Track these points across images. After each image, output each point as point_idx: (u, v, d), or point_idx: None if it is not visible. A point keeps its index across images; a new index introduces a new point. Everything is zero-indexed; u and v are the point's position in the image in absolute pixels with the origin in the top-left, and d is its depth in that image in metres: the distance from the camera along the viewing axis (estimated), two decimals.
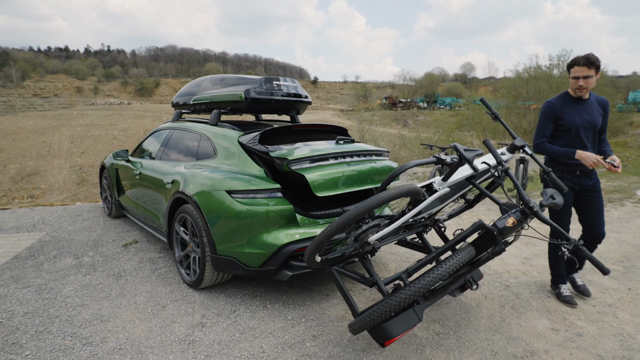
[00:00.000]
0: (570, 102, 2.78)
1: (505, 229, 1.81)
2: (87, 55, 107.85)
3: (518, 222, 1.81)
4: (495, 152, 2.03)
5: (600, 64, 2.62)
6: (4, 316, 2.70)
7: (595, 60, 2.59)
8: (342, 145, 3.13)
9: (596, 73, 2.62)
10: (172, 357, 2.25)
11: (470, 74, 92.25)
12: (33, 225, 4.97)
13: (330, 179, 2.75)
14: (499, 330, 2.56)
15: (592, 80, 2.63)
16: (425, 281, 1.76)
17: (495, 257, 2.32)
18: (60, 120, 45.79)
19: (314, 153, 2.80)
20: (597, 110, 2.77)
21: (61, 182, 32.50)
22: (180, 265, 3.25)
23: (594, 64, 2.59)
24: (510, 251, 4.05)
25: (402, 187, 1.88)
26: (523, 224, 1.87)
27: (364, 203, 1.82)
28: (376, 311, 1.83)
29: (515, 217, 1.82)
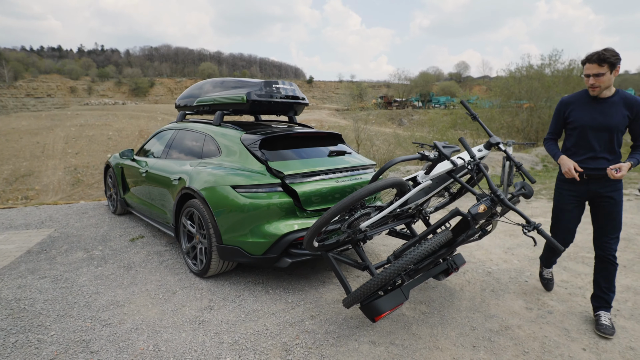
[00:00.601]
0: (585, 101, 2.55)
1: (477, 214, 2.08)
2: (80, 55, 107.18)
3: (488, 208, 2.08)
4: (468, 148, 2.29)
5: (615, 60, 2.35)
6: (27, 303, 2.94)
7: (608, 56, 2.35)
8: (334, 157, 3.45)
9: (611, 70, 2.37)
10: (184, 335, 2.50)
11: (464, 73, 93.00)
12: (41, 222, 5.18)
13: (320, 194, 3.11)
14: (479, 309, 2.84)
15: (604, 78, 2.38)
16: (407, 258, 2.02)
17: (478, 244, 2.60)
18: (54, 121, 45.63)
19: (306, 169, 3.13)
20: (620, 111, 2.44)
21: (56, 183, 32.45)
22: (187, 256, 3.50)
23: (606, 60, 2.35)
24: (494, 242, 4.34)
25: (388, 179, 2.15)
26: (493, 211, 2.14)
27: (355, 192, 2.09)
28: (366, 286, 2.09)
29: (486, 204, 2.09)
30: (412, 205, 2.71)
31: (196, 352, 2.31)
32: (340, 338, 2.46)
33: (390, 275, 1.99)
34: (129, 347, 2.37)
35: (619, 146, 2.50)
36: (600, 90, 2.45)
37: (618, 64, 2.37)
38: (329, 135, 3.84)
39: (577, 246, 4.20)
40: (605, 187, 2.51)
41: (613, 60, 2.34)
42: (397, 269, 1.99)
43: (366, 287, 2.08)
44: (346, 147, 3.85)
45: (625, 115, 2.44)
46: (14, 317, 2.72)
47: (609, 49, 2.36)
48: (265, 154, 3.22)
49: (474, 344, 2.42)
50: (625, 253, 4.01)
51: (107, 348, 2.36)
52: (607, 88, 2.45)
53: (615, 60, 2.35)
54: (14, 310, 2.82)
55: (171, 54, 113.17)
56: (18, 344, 2.40)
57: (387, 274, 2.00)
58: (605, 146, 2.49)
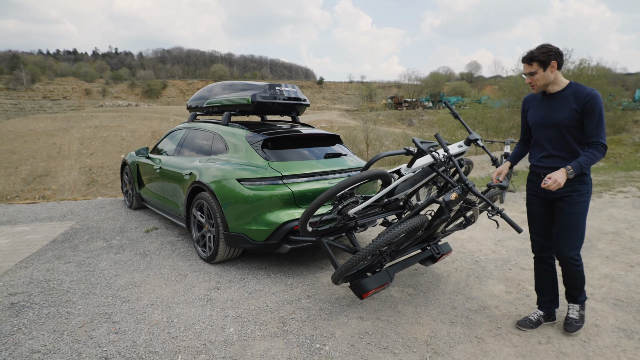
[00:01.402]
0: (539, 97, 2.47)
1: (450, 202, 2.34)
2: (95, 58, 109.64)
3: (459, 196, 2.34)
4: (442, 143, 2.56)
5: (545, 57, 2.27)
6: (56, 283, 3.30)
7: (537, 54, 2.29)
8: (330, 159, 3.75)
9: (544, 68, 2.29)
10: (194, 310, 2.82)
11: (476, 73, 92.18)
12: (63, 215, 5.59)
13: (313, 193, 3.39)
14: (462, 292, 3.10)
15: (537, 76, 2.32)
16: (384, 237, 2.30)
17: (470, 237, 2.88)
18: (69, 122, 46.85)
19: (302, 171, 3.44)
20: (567, 106, 2.30)
21: (71, 183, 33.44)
22: (197, 244, 3.83)
23: (534, 59, 2.30)
24: (486, 235, 4.57)
25: (371, 170, 2.44)
26: (465, 198, 2.40)
27: (341, 182, 2.39)
28: (349, 262, 2.38)
29: (457, 192, 2.35)
30: (401, 196, 2.99)
31: (204, 323, 2.63)
32: (332, 314, 2.75)
33: (370, 251, 2.26)
34: (145, 319, 2.69)
35: (580, 145, 2.33)
36: (538, 88, 2.38)
37: (551, 60, 2.27)
38: (328, 136, 4.13)
39: None
40: (561, 188, 2.30)
41: (542, 58, 2.26)
42: (375, 247, 2.26)
43: (349, 263, 2.36)
44: (343, 149, 4.14)
45: (574, 110, 2.27)
46: (45, 294, 3.08)
47: (543, 46, 2.29)
48: (267, 154, 3.53)
49: (452, 320, 2.68)
50: (611, 245, 4.20)
51: (126, 319, 2.69)
52: (548, 84, 2.35)
53: (546, 58, 2.26)
54: (45, 288, 3.19)
55: (183, 56, 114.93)
56: (50, 315, 2.75)
57: (366, 250, 2.28)
58: (557, 144, 2.37)
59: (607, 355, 2.29)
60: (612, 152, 12.79)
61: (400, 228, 2.26)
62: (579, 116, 2.27)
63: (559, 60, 2.30)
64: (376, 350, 2.33)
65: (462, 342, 2.42)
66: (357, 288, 2.54)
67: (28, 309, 2.85)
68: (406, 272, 3.48)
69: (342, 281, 2.59)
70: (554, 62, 2.29)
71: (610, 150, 13.02)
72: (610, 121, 24.20)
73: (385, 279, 2.60)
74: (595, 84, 22.00)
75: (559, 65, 2.31)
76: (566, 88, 2.35)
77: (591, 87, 2.42)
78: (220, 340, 2.43)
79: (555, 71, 2.32)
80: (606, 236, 4.51)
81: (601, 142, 2.22)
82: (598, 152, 2.22)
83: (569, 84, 2.36)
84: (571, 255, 2.39)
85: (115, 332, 2.53)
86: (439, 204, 2.38)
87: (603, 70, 24.54)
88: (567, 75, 21.98)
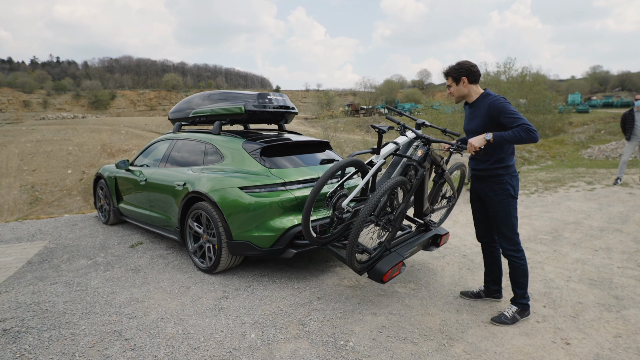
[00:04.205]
0: (467, 107, 2.77)
1: (419, 157, 2.78)
2: (33, 68, 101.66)
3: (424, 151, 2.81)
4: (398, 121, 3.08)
5: (457, 73, 2.60)
6: (48, 305, 3.11)
7: (449, 71, 2.64)
8: (325, 165, 3.86)
9: (457, 82, 2.61)
10: (207, 320, 2.80)
11: (426, 80, 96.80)
12: (32, 235, 5.22)
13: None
14: (459, 284, 3.34)
15: (452, 89, 2.66)
16: (370, 201, 2.47)
17: (453, 233, 3.10)
18: (6, 137, 43.00)
19: (302, 177, 3.56)
20: (480, 114, 2.58)
21: (11, 203, 30.69)
22: (194, 255, 3.77)
23: (448, 74, 2.65)
24: (466, 231, 4.91)
25: (342, 160, 2.73)
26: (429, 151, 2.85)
27: (320, 178, 2.62)
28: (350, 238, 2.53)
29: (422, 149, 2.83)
30: None
31: (222, 332, 2.62)
32: (346, 312, 2.86)
33: (362, 219, 2.43)
34: (159, 333, 2.64)
35: (500, 147, 2.56)
36: (456, 99, 2.71)
37: (462, 77, 2.58)
38: (319, 143, 4.26)
39: (535, 230, 4.85)
40: (483, 187, 2.70)
41: (454, 74, 2.61)
42: (365, 212, 2.43)
43: (351, 239, 2.50)
44: (334, 155, 4.29)
45: (484, 117, 2.54)
46: (40, 317, 2.90)
47: (457, 64, 2.62)
48: (266, 161, 3.59)
49: (458, 309, 2.90)
50: (575, 233, 4.69)
51: (139, 335, 2.62)
52: (463, 96, 2.66)
53: (457, 74, 2.59)
54: (37, 311, 3.00)
55: (132, 66, 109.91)
56: (53, 338, 2.61)
57: (359, 219, 2.44)
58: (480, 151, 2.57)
59: (595, 326, 2.60)
60: (557, 151, 14.08)
61: (382, 189, 2.49)
62: (491, 121, 2.52)
63: (469, 77, 2.60)
64: (397, 342, 2.47)
65: (471, 327, 2.62)
66: (375, 274, 2.75)
67: (25, 333, 2.67)
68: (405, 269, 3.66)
69: (364, 270, 2.79)
70: (464, 78, 2.60)
71: (555, 149, 14.33)
72: (550, 123, 26.53)
73: (397, 258, 2.83)
74: (535, 90, 24.08)
75: (471, 80, 2.60)
76: (479, 99, 2.63)
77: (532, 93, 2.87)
78: (245, 346, 2.45)
79: (468, 85, 2.62)
80: (569, 226, 5.01)
81: (522, 124, 2.35)
82: (522, 131, 2.34)
83: (481, 94, 2.63)
84: (507, 247, 2.69)
85: (131, 349, 2.46)
86: (412, 163, 2.80)
87: (543, 77, 26.86)
88: (513, 82, 23.85)
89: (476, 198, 2.89)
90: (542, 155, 13.63)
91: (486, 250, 3.01)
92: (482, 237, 3.00)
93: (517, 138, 2.36)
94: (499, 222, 2.67)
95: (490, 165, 2.64)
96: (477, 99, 2.64)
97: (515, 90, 22.37)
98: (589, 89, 70.85)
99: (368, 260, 2.83)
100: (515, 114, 2.42)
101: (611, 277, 3.39)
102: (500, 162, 2.62)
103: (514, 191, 2.66)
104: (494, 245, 2.94)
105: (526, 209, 6.01)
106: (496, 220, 2.69)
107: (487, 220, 2.87)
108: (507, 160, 2.64)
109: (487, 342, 2.45)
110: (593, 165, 11.22)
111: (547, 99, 24.82)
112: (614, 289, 3.15)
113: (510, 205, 2.65)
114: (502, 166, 2.63)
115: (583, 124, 35.31)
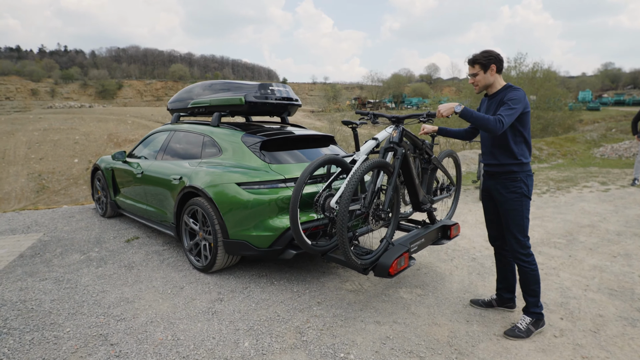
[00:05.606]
0: (486, 99, 2.63)
1: (396, 138, 2.70)
2: (41, 56, 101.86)
3: (397, 131, 2.73)
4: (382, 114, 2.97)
5: (486, 60, 2.45)
6: (33, 303, 2.96)
7: (479, 57, 2.48)
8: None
9: (484, 70, 2.47)
10: (200, 325, 2.63)
11: (435, 75, 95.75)
12: (27, 227, 5.09)
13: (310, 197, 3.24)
14: (468, 290, 3.13)
15: (479, 77, 2.50)
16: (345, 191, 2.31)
17: (462, 234, 2.88)
18: (14, 125, 43.24)
19: None
20: (494, 107, 2.47)
21: (18, 190, 30.90)
22: (190, 253, 3.60)
23: (475, 61, 2.49)
24: (475, 232, 4.68)
25: (320, 157, 2.61)
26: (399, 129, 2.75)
27: (299, 178, 2.51)
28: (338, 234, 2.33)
29: (393, 129, 2.76)
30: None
31: (214, 339, 2.45)
32: (348, 320, 2.67)
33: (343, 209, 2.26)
34: (147, 338, 2.47)
35: (516, 143, 2.44)
36: (479, 89, 2.55)
37: (491, 64, 2.44)
38: (323, 137, 4.05)
39: (548, 233, 4.62)
40: (494, 184, 2.55)
41: (483, 61, 2.45)
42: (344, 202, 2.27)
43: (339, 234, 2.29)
44: (339, 150, 4.08)
45: (498, 107, 2.41)
46: (24, 317, 2.75)
47: (485, 51, 2.48)
48: (266, 156, 3.38)
49: (467, 319, 2.69)
50: (591, 237, 4.45)
51: (126, 340, 2.45)
52: (487, 86, 2.51)
53: (486, 61, 2.45)
54: (22, 310, 2.85)
55: (140, 55, 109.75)
56: (35, 341, 2.45)
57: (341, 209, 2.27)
58: (493, 142, 2.50)
59: (618, 344, 2.38)
60: (568, 149, 13.69)
61: (358, 171, 2.35)
62: None
63: (497, 65, 2.47)
64: (402, 355, 2.27)
65: (482, 341, 2.42)
66: (380, 269, 2.57)
67: (6, 335, 2.52)
68: (410, 272, 3.47)
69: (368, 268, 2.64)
70: (493, 66, 2.46)
71: (566, 147, 13.95)
72: (560, 120, 25.98)
73: (401, 249, 2.65)
74: (546, 86, 23.54)
75: (498, 69, 2.48)
76: (500, 90, 2.49)
77: (543, 89, 2.67)
78: (237, 356, 2.27)
79: (495, 74, 2.49)
80: (584, 229, 4.77)
81: (499, 116, 2.27)
82: (492, 119, 2.27)
83: (504, 86, 2.50)
84: (516, 249, 2.51)
85: (116, 356, 2.29)
86: (391, 145, 2.71)
87: (553, 73, 26.26)
88: (523, 77, 23.34)
89: (488, 197, 2.71)
90: (552, 153, 13.27)
91: (499, 255, 2.80)
92: (494, 240, 2.79)
93: (484, 123, 2.29)
94: (510, 222, 2.51)
95: (504, 161, 2.48)
96: (499, 90, 2.50)
97: (525, 86, 21.88)
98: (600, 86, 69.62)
99: (371, 257, 2.64)
100: (513, 107, 2.30)
101: (632, 287, 3.16)
102: (515, 158, 2.45)
103: (528, 191, 2.49)
104: (505, 250, 2.74)
105: (538, 210, 5.76)
106: (507, 219, 2.53)
107: (499, 222, 2.68)
108: (522, 157, 2.46)
109: (500, 359, 2.25)
110: (606, 164, 10.87)
111: (557, 96, 24.29)
112: (636, 301, 2.93)
113: (523, 205, 2.48)
114: (516, 163, 2.45)
115: (594, 121, 34.61)
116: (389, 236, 2.77)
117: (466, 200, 6.58)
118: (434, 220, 3.36)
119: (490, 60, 2.45)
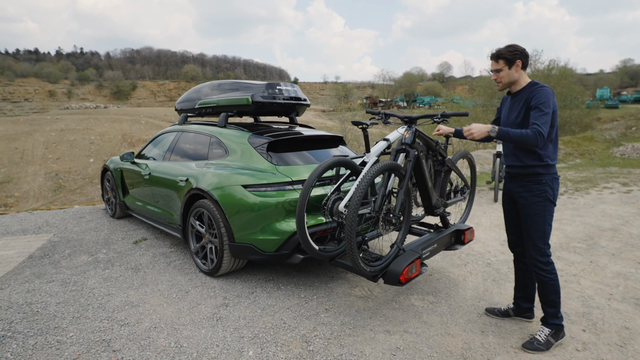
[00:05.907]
0: (509, 98, 2.49)
1: (408, 139, 2.62)
2: (58, 58, 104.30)
3: (410, 132, 2.65)
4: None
5: (512, 55, 2.30)
6: (39, 306, 2.94)
7: (504, 52, 2.32)
8: None
9: (509, 66, 2.32)
10: (204, 331, 2.56)
11: (447, 73, 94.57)
12: (38, 227, 5.12)
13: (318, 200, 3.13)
14: (483, 298, 2.99)
15: (503, 74, 2.35)
16: (355, 195, 2.22)
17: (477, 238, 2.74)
18: (32, 126, 44.32)
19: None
20: (519, 106, 2.34)
21: (36, 190, 31.59)
22: (196, 256, 3.54)
23: (500, 56, 2.33)
24: (490, 235, 4.52)
25: (329, 159, 2.50)
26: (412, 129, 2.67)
27: (307, 180, 2.42)
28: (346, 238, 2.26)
29: (406, 130, 2.66)
30: None
31: (218, 347, 2.38)
32: (356, 328, 2.57)
33: (352, 212, 2.17)
34: (150, 345, 2.41)
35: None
36: (503, 86, 2.40)
37: (517, 59, 2.30)
38: (332, 137, 3.94)
39: (567, 237, 4.43)
40: (517, 187, 2.41)
41: (508, 56, 2.30)
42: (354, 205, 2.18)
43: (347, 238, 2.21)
44: (349, 151, 3.96)
45: (522, 108, 2.31)
46: (29, 321, 2.72)
47: (510, 46, 2.33)
48: (273, 157, 3.30)
49: (482, 329, 2.56)
50: (613, 242, 4.24)
51: (128, 347, 2.40)
52: (511, 83, 2.38)
53: (512, 56, 2.30)
54: (27, 313, 2.83)
55: (153, 57, 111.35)
56: (38, 346, 2.42)
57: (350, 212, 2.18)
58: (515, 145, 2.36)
59: None
60: (586, 148, 13.29)
61: (369, 174, 2.27)
62: (528, 109, 2.26)
63: (523, 60, 2.33)
64: None
65: (499, 354, 2.29)
66: (390, 276, 2.48)
67: (10, 339, 2.50)
68: (421, 278, 3.34)
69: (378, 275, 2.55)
70: (519, 62, 2.32)
71: (584, 147, 13.54)
72: (577, 119, 25.30)
73: (412, 255, 2.55)
74: (562, 84, 22.93)
75: (524, 65, 2.34)
76: (525, 88, 2.35)
77: (559, 87, 2.47)
78: None
79: (520, 71, 2.34)
80: (605, 233, 4.56)
81: (536, 127, 2.13)
82: (531, 133, 2.13)
83: (528, 83, 2.36)
84: (535, 256, 2.37)
85: None
86: (403, 146, 2.62)
87: (570, 71, 25.59)
88: (538, 75, 22.79)
89: (509, 201, 2.56)
90: (570, 152, 12.89)
91: (519, 262, 2.65)
92: (515, 247, 2.65)
93: (524, 140, 2.15)
94: (530, 228, 2.36)
95: (529, 163, 2.31)
96: (523, 88, 2.36)
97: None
98: (619, 84, 67.61)
99: (381, 263, 2.53)
100: (546, 112, 2.15)
101: None
102: (541, 159, 2.29)
103: (553, 195, 2.33)
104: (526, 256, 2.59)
105: (555, 212, 5.51)
106: (527, 224, 2.38)
107: (521, 227, 2.52)
108: (548, 159, 2.30)
109: None
110: (626, 164, 10.49)
111: (574, 94, 23.65)
112: None
113: (547, 211, 2.33)
114: (542, 164, 2.30)
115: (612, 120, 33.59)
116: (399, 241, 2.67)
117: (480, 202, 6.40)
118: (447, 224, 3.23)
119: (515, 55, 2.30)
